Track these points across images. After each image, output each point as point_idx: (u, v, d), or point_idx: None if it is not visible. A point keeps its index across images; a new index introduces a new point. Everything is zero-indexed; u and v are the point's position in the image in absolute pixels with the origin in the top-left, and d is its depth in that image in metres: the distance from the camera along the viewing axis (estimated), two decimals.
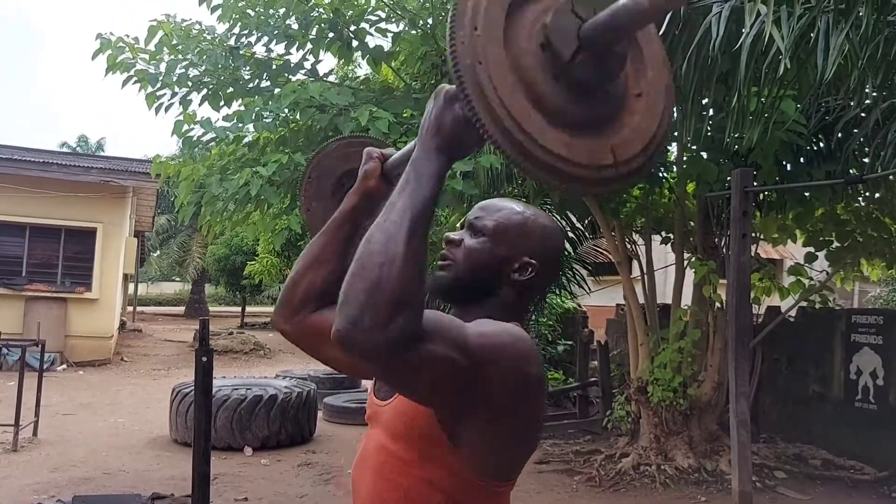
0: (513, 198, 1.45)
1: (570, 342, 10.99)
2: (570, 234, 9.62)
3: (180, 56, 6.14)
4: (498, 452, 1.21)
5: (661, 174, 7.06)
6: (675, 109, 5.33)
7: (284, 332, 1.51)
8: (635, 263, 7.66)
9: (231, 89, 6.25)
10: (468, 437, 1.19)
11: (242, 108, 6.21)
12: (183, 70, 6.13)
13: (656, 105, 1.07)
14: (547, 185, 1.07)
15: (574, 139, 0.98)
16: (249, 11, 6.05)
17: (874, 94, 5.14)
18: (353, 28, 6.13)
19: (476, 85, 0.93)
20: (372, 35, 6.28)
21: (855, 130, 5.86)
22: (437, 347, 1.06)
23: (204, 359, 2.52)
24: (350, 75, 8.68)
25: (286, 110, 5.86)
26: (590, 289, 10.52)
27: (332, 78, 7.21)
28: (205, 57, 6.16)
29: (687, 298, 6.97)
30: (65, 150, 30.04)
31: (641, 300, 7.09)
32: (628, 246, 7.49)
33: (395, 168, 1.45)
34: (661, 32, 4.30)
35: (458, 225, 1.42)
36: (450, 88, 1.10)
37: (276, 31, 6.09)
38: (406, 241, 1.03)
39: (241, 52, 6.28)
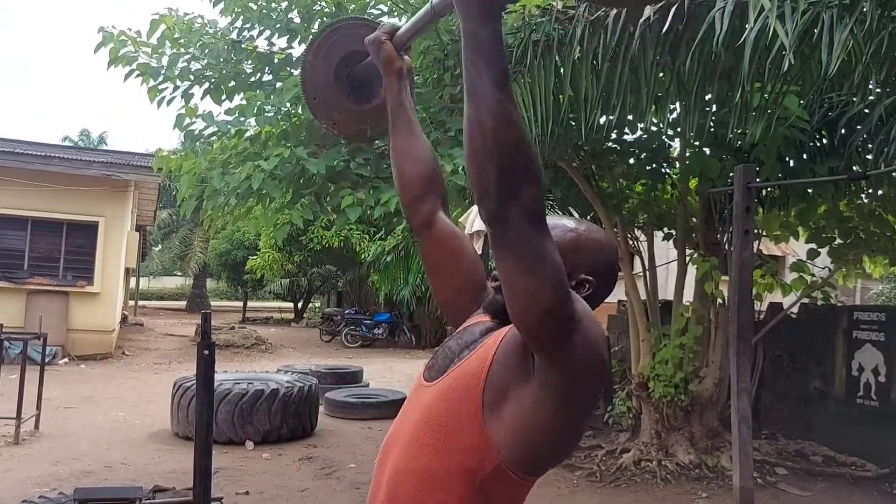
0: (568, 216, 1.49)
1: None
2: None
3: (182, 50, 6.13)
4: (532, 443, 1.21)
5: (663, 170, 7.05)
6: (678, 105, 5.32)
7: (414, 226, 1.62)
8: (637, 259, 7.65)
9: (233, 83, 6.23)
10: (509, 420, 1.20)
11: (244, 101, 6.20)
12: (185, 64, 6.12)
13: None
14: None
15: None
16: (252, 5, 6.04)
17: (878, 90, 5.13)
18: None
19: None
20: None
21: (858, 127, 5.84)
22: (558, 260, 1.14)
23: (206, 352, 2.52)
24: None
25: (288, 104, 5.85)
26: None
27: None
28: (207, 51, 6.14)
29: (689, 295, 6.96)
30: (67, 143, 30.05)
31: (643, 296, 7.09)
32: (630, 242, 7.48)
33: (408, 41, 1.53)
34: (664, 29, 4.29)
35: None
36: None
37: (278, 25, 6.07)
38: (507, 113, 1.10)
39: (243, 45, 6.27)
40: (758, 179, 5.94)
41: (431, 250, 1.61)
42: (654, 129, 6.83)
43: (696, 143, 6.60)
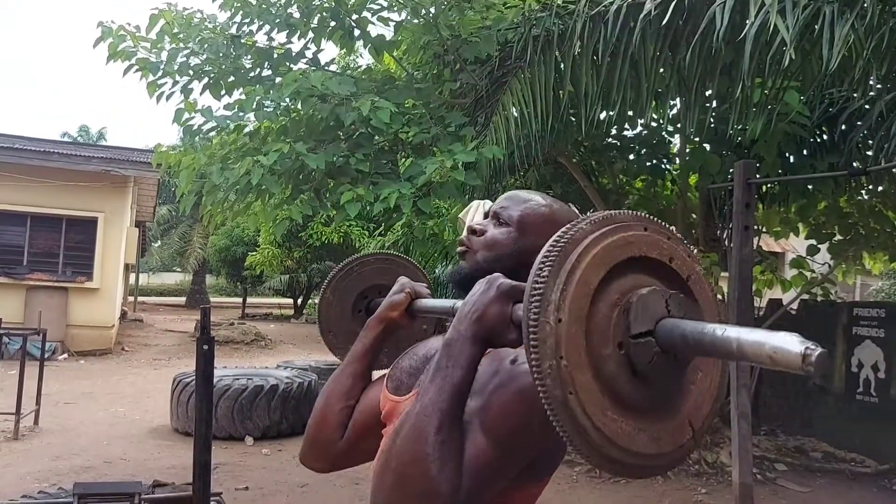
0: (539, 192, 1.44)
1: None
2: None
3: (181, 45, 6.12)
4: (534, 468, 1.17)
5: (663, 166, 7.05)
6: (680, 99, 5.31)
7: (318, 469, 1.49)
8: None
9: (232, 78, 6.22)
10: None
11: (243, 97, 6.18)
12: (184, 59, 6.11)
13: (711, 387, 1.03)
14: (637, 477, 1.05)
15: (649, 427, 0.95)
16: (251, 0, 6.03)
17: (878, 85, 5.12)
18: (354, 17, 6.10)
19: (570, 419, 0.89)
20: (374, 24, 6.26)
21: (859, 122, 5.84)
22: (484, 484, 1.06)
23: (205, 347, 2.51)
24: (352, 65, 8.66)
25: (287, 99, 5.84)
26: None
27: (333, 67, 7.19)
28: (206, 45, 6.13)
29: None
30: (66, 139, 30.02)
31: None
32: None
33: (423, 312, 1.45)
34: (664, 24, 4.28)
35: (483, 215, 1.41)
36: (504, 282, 1.08)
37: (277, 20, 6.06)
38: (434, 437, 1.03)
39: (242, 40, 6.26)
40: (758, 175, 5.94)
41: (360, 454, 1.47)
42: (654, 124, 6.83)
43: (697, 138, 6.59)
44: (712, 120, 5.98)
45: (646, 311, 0.92)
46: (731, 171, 6.06)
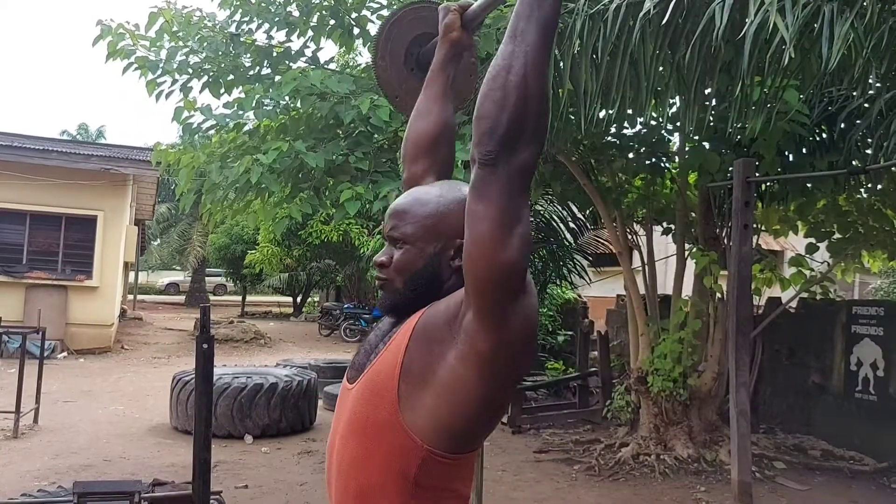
0: (423, 186, 1.45)
1: (570, 332, 11.00)
2: (572, 225, 9.63)
3: (181, 43, 6.12)
4: (455, 421, 1.18)
5: (663, 164, 7.04)
6: (679, 98, 5.31)
7: (410, 185, 1.60)
8: (636, 254, 7.65)
9: (231, 76, 6.22)
10: (428, 406, 1.18)
11: (243, 95, 6.18)
12: (183, 57, 6.10)
13: None
14: None
15: None
16: None
17: (878, 84, 5.12)
18: (354, 15, 6.09)
19: None
20: (373, 22, 6.25)
21: (858, 121, 5.84)
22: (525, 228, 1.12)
23: (205, 345, 2.51)
24: (351, 63, 8.65)
25: (287, 98, 5.84)
26: (590, 279, 10.52)
27: (333, 66, 7.18)
28: (205, 44, 6.13)
29: (688, 289, 6.96)
30: (65, 137, 29.99)
31: (642, 291, 7.09)
32: (629, 236, 7.47)
33: (476, 17, 1.58)
34: (663, 23, 4.28)
35: (383, 240, 1.42)
36: None
37: (276, 19, 6.06)
38: (543, 75, 1.11)
39: (241, 39, 6.25)
40: (757, 174, 5.94)
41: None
42: (653, 123, 6.82)
43: (696, 137, 6.59)
44: (712, 118, 5.97)
45: None
46: (730, 169, 6.06)
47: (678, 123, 6.59)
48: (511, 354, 1.16)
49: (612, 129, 6.72)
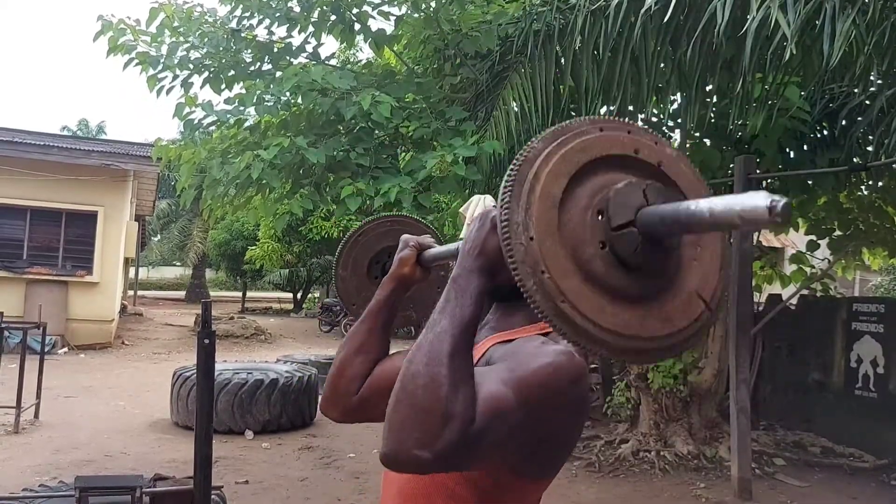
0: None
1: None
2: None
3: (182, 38, 6.11)
4: (538, 456, 1.18)
5: None
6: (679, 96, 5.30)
7: (334, 418, 1.54)
8: None
9: (232, 72, 6.22)
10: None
11: (244, 91, 6.19)
12: (184, 53, 6.10)
13: (713, 259, 1.04)
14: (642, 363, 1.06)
15: (656, 310, 0.96)
16: None
17: (879, 81, 5.12)
18: (355, 11, 6.09)
19: (570, 325, 0.91)
20: (374, 18, 6.25)
21: (859, 118, 5.84)
22: (491, 431, 1.04)
23: (206, 341, 2.52)
24: (352, 59, 8.64)
25: (288, 94, 5.84)
26: None
27: (333, 62, 7.18)
28: (206, 39, 6.12)
29: None
30: (65, 133, 29.98)
31: None
32: None
33: (432, 261, 1.49)
34: (665, 20, 4.28)
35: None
36: (497, 214, 1.06)
37: (277, 14, 6.06)
38: (448, 360, 1.02)
39: (242, 34, 6.25)
40: (758, 170, 5.94)
41: (374, 410, 1.48)
42: (654, 119, 6.83)
43: (697, 133, 6.59)
44: (713, 115, 5.98)
45: (624, 204, 0.93)
46: (731, 166, 6.07)
47: (679, 120, 6.60)
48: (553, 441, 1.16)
49: None
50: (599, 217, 0.94)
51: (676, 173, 1.02)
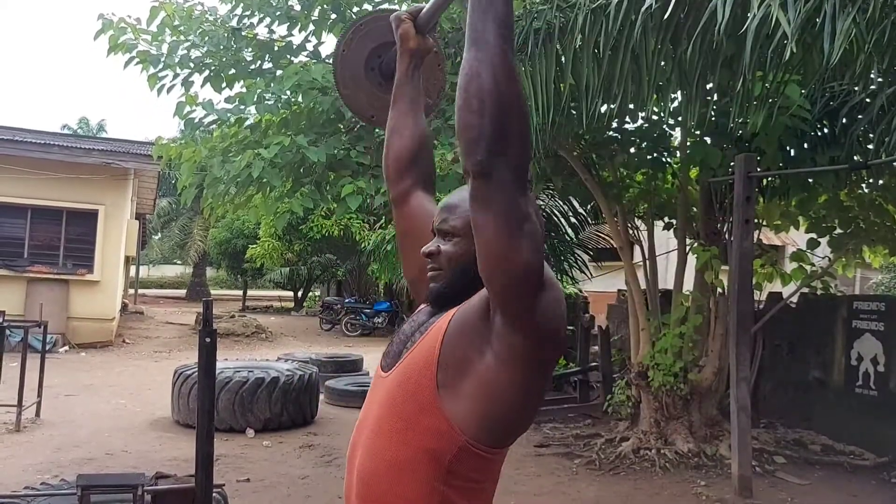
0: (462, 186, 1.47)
1: (571, 327, 11.00)
2: (573, 219, 9.62)
3: (182, 37, 6.11)
4: (493, 414, 1.21)
5: (664, 159, 7.04)
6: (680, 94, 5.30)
7: (396, 197, 1.65)
8: (637, 249, 7.65)
9: (233, 71, 6.22)
10: (467, 397, 1.20)
11: (244, 89, 6.18)
12: (185, 51, 6.10)
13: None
14: None
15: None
16: None
17: (880, 79, 5.12)
18: (355, 9, 6.09)
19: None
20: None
21: (860, 116, 5.84)
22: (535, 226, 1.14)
23: (207, 339, 2.52)
24: None
25: (288, 92, 5.84)
26: (591, 274, 10.53)
27: None
28: (207, 38, 6.12)
29: (689, 284, 6.97)
30: (66, 131, 29.97)
31: (643, 285, 7.09)
32: (630, 231, 7.47)
33: (429, 21, 1.56)
34: (665, 17, 4.28)
35: (432, 232, 1.44)
36: None
37: (278, 13, 6.06)
38: (509, 66, 1.11)
39: (243, 33, 6.25)
40: (758, 169, 5.94)
41: (404, 224, 1.63)
42: (655, 118, 6.82)
43: (697, 132, 6.59)
44: (713, 113, 5.97)
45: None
46: (731, 164, 6.07)
47: (680, 118, 6.59)
48: (541, 350, 1.19)
49: (614, 124, 6.72)
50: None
51: None
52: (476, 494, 1.27)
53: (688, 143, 6.74)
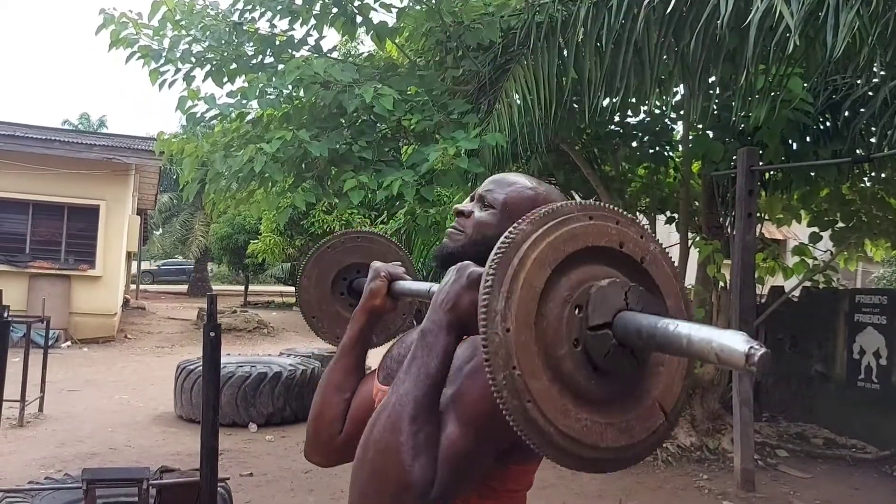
0: (525, 174, 1.44)
1: None
2: None
3: (184, 32, 6.11)
4: (519, 448, 1.17)
5: (666, 153, 7.04)
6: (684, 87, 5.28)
7: (319, 463, 1.51)
8: None
9: (234, 65, 6.21)
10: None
11: (246, 84, 6.18)
12: (186, 46, 6.09)
13: (680, 367, 1.02)
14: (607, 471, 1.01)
15: (617, 419, 0.94)
16: None
17: (883, 72, 5.11)
18: (357, 3, 6.08)
19: (532, 427, 0.90)
20: (376, 10, 6.24)
21: (862, 109, 5.83)
22: (460, 472, 1.05)
23: (212, 334, 2.53)
24: (354, 52, 8.63)
25: (290, 87, 5.83)
26: None
27: (335, 54, 7.17)
28: (208, 33, 6.12)
29: (691, 278, 6.97)
30: (67, 127, 29.96)
31: None
32: None
33: (402, 294, 1.44)
34: (668, 11, 4.27)
35: (469, 197, 1.41)
36: (474, 270, 1.07)
37: (279, 7, 6.04)
38: (409, 426, 1.03)
39: (244, 27, 6.24)
40: (761, 162, 5.94)
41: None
42: (657, 111, 6.82)
43: (700, 125, 6.58)
44: (715, 107, 5.97)
45: (604, 303, 0.91)
46: (734, 158, 6.06)
47: (682, 112, 6.59)
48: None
49: (616, 118, 6.72)
50: (577, 312, 0.91)
51: (657, 272, 1.02)
52: (513, 502, 1.26)
53: (690, 137, 6.74)
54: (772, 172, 6.63)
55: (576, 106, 5.60)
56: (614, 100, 5.19)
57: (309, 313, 1.76)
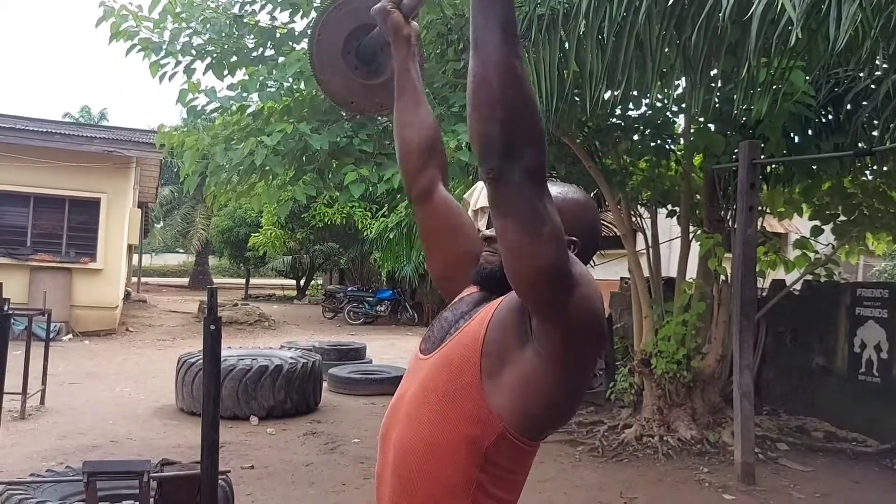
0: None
1: None
2: None
3: (184, 24, 6.09)
4: (532, 408, 1.21)
5: (668, 146, 7.02)
6: (683, 81, 5.28)
7: (415, 198, 1.62)
8: (640, 236, 7.64)
9: (235, 58, 6.20)
10: (508, 386, 1.20)
11: (247, 77, 6.17)
12: (187, 39, 6.08)
13: None
14: None
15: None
16: None
17: (885, 65, 5.09)
18: None
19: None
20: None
21: (864, 102, 5.81)
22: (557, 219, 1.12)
23: (212, 327, 2.52)
24: None
25: (291, 79, 5.82)
26: (594, 262, 10.49)
27: None
28: (209, 25, 6.11)
29: (692, 271, 6.96)
30: (67, 120, 29.93)
31: (646, 273, 7.08)
32: (634, 219, 7.46)
33: (414, 8, 1.52)
34: (670, 3, 4.25)
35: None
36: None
37: None
38: (514, 68, 1.08)
39: (245, 20, 6.23)
40: (762, 156, 5.93)
41: (429, 221, 1.61)
42: (658, 104, 6.80)
43: (701, 118, 6.56)
44: (717, 100, 5.94)
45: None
46: (735, 151, 6.05)
47: (683, 105, 6.56)
48: (577, 348, 1.18)
49: (617, 111, 6.69)
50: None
51: None
52: (509, 484, 1.27)
53: (691, 130, 6.72)
54: (773, 166, 6.61)
55: (577, 99, 5.58)
56: (616, 92, 5.16)
57: (346, 100, 1.84)
